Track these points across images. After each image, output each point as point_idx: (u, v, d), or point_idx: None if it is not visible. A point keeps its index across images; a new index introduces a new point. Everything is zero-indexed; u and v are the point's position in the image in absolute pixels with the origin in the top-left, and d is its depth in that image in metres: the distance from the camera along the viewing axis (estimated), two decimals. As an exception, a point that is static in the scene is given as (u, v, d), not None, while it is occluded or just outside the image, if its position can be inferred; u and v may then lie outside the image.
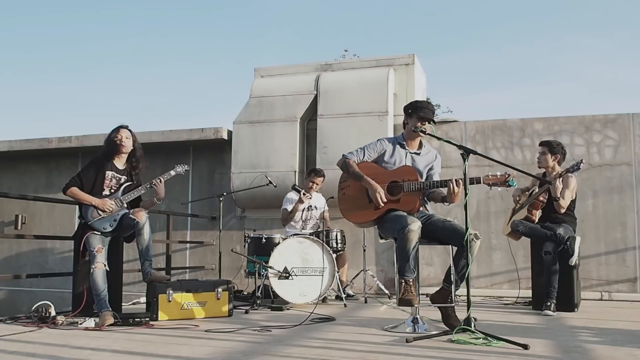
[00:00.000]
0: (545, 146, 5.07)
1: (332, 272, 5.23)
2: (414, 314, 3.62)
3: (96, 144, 7.33)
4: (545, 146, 5.07)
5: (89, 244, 4.15)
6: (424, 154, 3.86)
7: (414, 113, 3.74)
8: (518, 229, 4.98)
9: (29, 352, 2.98)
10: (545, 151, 5.04)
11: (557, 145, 5.04)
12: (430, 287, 5.01)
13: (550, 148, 5.02)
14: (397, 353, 2.93)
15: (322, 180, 5.99)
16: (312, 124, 7.35)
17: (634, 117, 6.42)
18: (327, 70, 7.58)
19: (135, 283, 6.93)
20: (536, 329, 3.86)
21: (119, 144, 4.33)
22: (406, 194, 3.62)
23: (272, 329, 3.71)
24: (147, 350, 3.06)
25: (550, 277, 4.74)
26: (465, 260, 3.35)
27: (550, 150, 5.02)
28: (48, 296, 4.64)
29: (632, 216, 6.29)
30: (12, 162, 8.78)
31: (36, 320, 3.99)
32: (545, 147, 5.07)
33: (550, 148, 5.03)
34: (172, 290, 4.24)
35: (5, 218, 8.64)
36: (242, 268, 6.28)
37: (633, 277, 6.20)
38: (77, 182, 4.26)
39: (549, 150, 5.02)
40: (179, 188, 7.71)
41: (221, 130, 7.56)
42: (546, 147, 5.05)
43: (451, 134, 6.92)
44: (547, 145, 5.06)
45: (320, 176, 5.99)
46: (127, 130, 4.41)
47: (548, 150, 5.03)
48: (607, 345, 3.12)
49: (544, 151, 5.05)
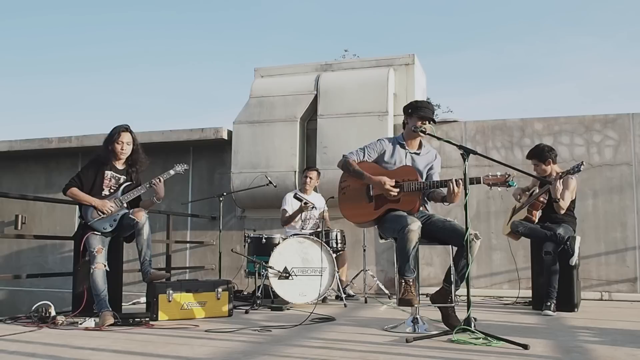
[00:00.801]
0: (534, 158, 5.02)
1: (332, 272, 5.23)
2: (414, 314, 3.62)
3: (96, 144, 7.29)
4: (534, 158, 5.02)
5: (89, 244, 4.15)
6: (424, 154, 3.86)
7: (414, 113, 3.74)
8: (518, 230, 4.97)
9: (29, 352, 2.97)
10: (537, 162, 5.02)
11: (543, 150, 5.00)
12: (430, 287, 5.01)
13: (540, 158, 4.99)
14: (397, 353, 2.93)
15: (316, 174, 6.03)
16: (312, 124, 7.35)
17: (634, 117, 6.42)
18: (327, 70, 7.58)
19: (135, 283, 6.92)
20: (536, 329, 3.86)
21: (118, 152, 4.32)
22: (406, 194, 3.62)
23: (272, 329, 3.71)
24: (147, 350, 3.06)
25: (550, 277, 4.74)
26: (465, 260, 3.35)
27: (540, 159, 5.00)
28: (48, 296, 4.63)
29: (632, 216, 6.29)
30: (12, 162, 8.78)
31: (36, 320, 3.99)
32: (534, 159, 5.02)
33: (539, 158, 4.99)
34: (172, 290, 4.24)
35: (5, 218, 8.64)
36: (242, 268, 6.28)
37: (633, 277, 6.20)
38: (77, 183, 4.26)
39: (539, 160, 5.00)
40: (179, 188, 7.72)
41: (221, 130, 7.56)
42: (535, 159, 5.01)
43: (451, 134, 6.92)
44: (535, 157, 5.01)
45: (313, 170, 6.05)
46: (128, 134, 4.35)
47: (538, 160, 5.01)
48: (607, 345, 3.12)
49: (536, 163, 5.02)
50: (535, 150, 5.08)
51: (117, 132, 4.31)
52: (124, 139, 4.32)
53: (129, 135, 4.35)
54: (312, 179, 5.98)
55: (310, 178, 5.98)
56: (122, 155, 4.35)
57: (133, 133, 4.40)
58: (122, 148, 4.32)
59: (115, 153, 4.32)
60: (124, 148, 4.32)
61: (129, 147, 4.35)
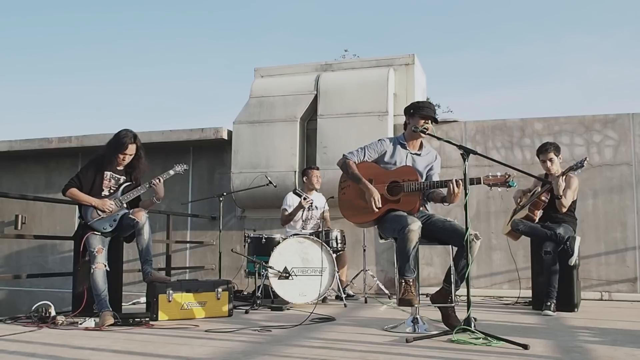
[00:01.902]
0: (550, 152, 4.95)
1: (332, 272, 5.23)
2: (414, 314, 3.62)
3: (96, 144, 7.34)
4: (550, 152, 4.95)
5: (89, 244, 4.15)
6: (424, 155, 3.87)
7: (416, 113, 3.74)
8: (518, 228, 4.97)
9: (29, 352, 2.98)
10: (553, 156, 4.94)
11: (553, 146, 5.00)
12: (430, 287, 5.02)
13: (557, 150, 4.97)
14: (397, 353, 2.93)
15: (318, 172, 6.07)
16: (312, 124, 7.35)
17: (634, 117, 6.42)
18: (327, 70, 7.58)
19: (135, 283, 6.93)
20: (536, 329, 3.86)
21: (120, 161, 4.33)
22: (406, 194, 3.62)
23: (272, 329, 3.71)
24: (147, 350, 3.06)
25: (550, 277, 4.74)
26: (465, 261, 3.35)
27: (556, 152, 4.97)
28: (48, 296, 4.64)
29: (632, 216, 6.29)
30: (12, 162, 8.78)
31: (36, 320, 3.99)
32: (550, 152, 4.94)
33: (557, 151, 4.96)
34: (172, 290, 4.24)
35: (5, 218, 8.64)
36: (242, 268, 6.28)
37: (633, 277, 6.20)
38: (76, 183, 4.26)
39: (557, 153, 4.96)
40: (179, 188, 7.72)
41: (221, 130, 7.56)
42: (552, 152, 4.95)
43: (451, 134, 6.92)
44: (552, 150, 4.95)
45: (316, 169, 6.10)
46: (134, 145, 4.33)
47: (555, 153, 4.96)
48: (607, 345, 3.12)
49: (550, 158, 4.95)
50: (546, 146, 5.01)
51: (125, 144, 4.29)
52: (129, 151, 4.33)
53: (135, 147, 4.35)
54: (318, 178, 6.01)
55: (318, 177, 6.00)
56: (123, 163, 4.38)
57: (139, 142, 4.39)
58: (124, 159, 4.34)
59: (117, 161, 4.34)
60: (125, 159, 4.35)
61: (131, 157, 4.37)
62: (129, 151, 4.32)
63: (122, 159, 4.33)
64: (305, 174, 6.10)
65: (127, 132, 4.33)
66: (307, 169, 6.16)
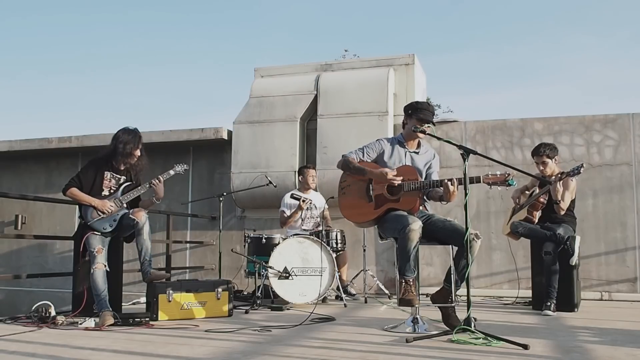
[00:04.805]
0: (542, 155, 4.94)
1: (332, 272, 5.23)
2: (414, 314, 3.62)
3: (96, 144, 7.35)
4: (542, 155, 4.94)
5: (89, 244, 4.15)
6: (423, 153, 3.87)
7: (413, 114, 3.74)
8: (518, 231, 4.97)
9: (29, 352, 2.98)
10: (546, 158, 4.93)
11: (547, 148, 4.97)
12: (430, 287, 5.02)
13: (549, 153, 4.95)
14: (397, 353, 2.93)
15: (314, 171, 6.08)
16: (312, 124, 7.35)
17: (634, 117, 6.42)
18: (327, 70, 7.58)
19: (135, 283, 6.92)
20: (536, 329, 3.86)
21: (122, 164, 4.36)
22: (406, 193, 3.62)
23: (272, 329, 3.71)
24: (147, 350, 3.06)
25: (550, 277, 4.74)
26: (465, 260, 3.35)
27: (549, 155, 4.96)
28: (48, 296, 4.64)
29: (632, 216, 6.29)
30: (12, 162, 8.78)
31: (36, 320, 3.99)
32: (544, 155, 4.94)
33: (549, 153, 4.95)
34: (172, 290, 4.24)
35: (5, 218, 8.64)
36: (242, 268, 6.28)
37: (633, 277, 6.20)
38: (77, 183, 4.27)
39: (548, 156, 4.95)
40: (179, 188, 7.72)
41: (221, 130, 7.56)
42: (546, 155, 4.94)
43: (451, 134, 6.92)
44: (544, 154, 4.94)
45: (312, 168, 6.11)
46: (138, 150, 4.37)
47: (549, 156, 4.95)
48: (607, 345, 3.12)
49: (544, 161, 4.94)
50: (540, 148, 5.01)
51: (131, 154, 4.33)
52: (134, 158, 4.36)
53: (139, 151, 4.39)
54: (314, 177, 6.01)
55: (313, 176, 6.00)
56: (125, 166, 4.40)
57: (141, 139, 4.42)
58: (127, 163, 4.37)
59: (119, 164, 4.36)
60: (128, 163, 4.38)
61: (134, 158, 4.39)
62: (134, 158, 4.36)
63: (125, 163, 4.36)
64: (301, 173, 6.10)
65: (133, 137, 4.34)
66: (302, 168, 6.16)
